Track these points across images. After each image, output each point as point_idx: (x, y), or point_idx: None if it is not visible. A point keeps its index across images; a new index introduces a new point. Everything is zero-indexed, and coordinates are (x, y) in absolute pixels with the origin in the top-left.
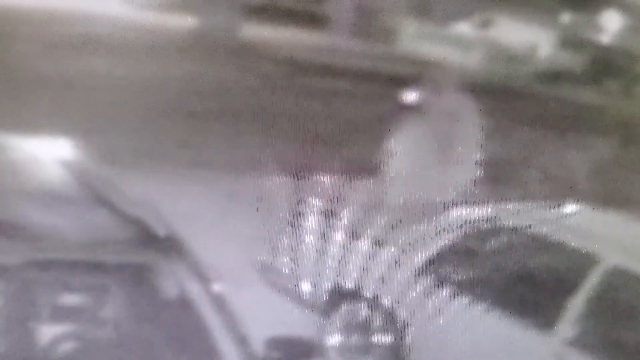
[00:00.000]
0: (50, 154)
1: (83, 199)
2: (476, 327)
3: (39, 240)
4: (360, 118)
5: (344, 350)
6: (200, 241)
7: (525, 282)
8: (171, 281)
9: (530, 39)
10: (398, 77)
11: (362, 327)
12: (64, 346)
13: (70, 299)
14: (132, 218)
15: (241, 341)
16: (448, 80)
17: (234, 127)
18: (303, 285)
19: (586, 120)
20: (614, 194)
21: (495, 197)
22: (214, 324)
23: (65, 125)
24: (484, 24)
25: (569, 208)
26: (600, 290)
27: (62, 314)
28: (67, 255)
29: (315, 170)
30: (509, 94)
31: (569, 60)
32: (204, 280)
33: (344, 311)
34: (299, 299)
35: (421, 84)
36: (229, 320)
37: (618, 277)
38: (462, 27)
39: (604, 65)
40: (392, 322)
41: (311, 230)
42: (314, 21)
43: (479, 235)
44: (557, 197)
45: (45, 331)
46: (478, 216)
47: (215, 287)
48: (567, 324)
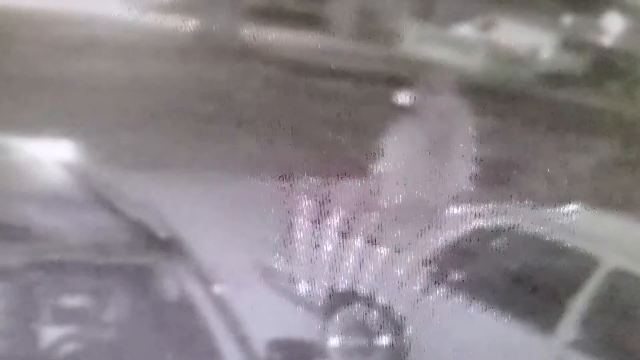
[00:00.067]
0: (52, 156)
1: (85, 201)
2: (477, 329)
3: (40, 242)
4: (361, 120)
5: (346, 352)
6: (202, 243)
7: (527, 284)
8: (173, 283)
9: (532, 41)
10: (400, 79)
11: (364, 329)
12: (66, 348)
13: (72, 300)
14: (133, 220)
15: (243, 343)
16: (443, 82)
17: (235, 129)
18: (304, 287)
19: (587, 122)
20: (615, 195)
21: (496, 198)
22: (216, 325)
23: (67, 127)
24: (486, 27)
25: (570, 210)
26: (602, 292)
27: (64, 315)
28: (68, 257)
29: (317, 173)
30: (510, 96)
31: (570, 62)
32: (205, 282)
33: (345, 313)
34: (301, 300)
35: (416, 86)
36: (231, 322)
37: (619, 279)
38: (463, 30)
39: (605, 67)
40: (393, 324)
41: (313, 232)
42: (316, 23)
43: (480, 237)
44: (559, 199)
45: (48, 333)
46: (479, 218)
47: (217, 289)
48: (568, 326)
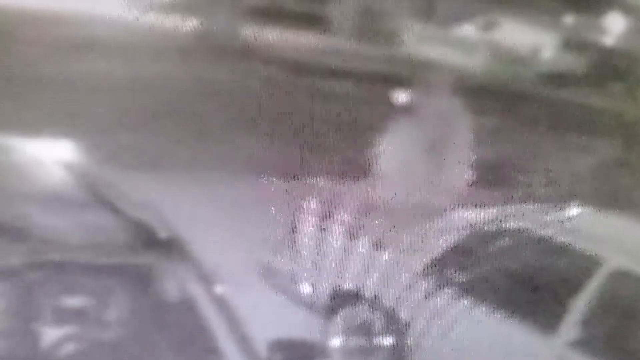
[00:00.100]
0: (52, 156)
1: (85, 201)
2: (479, 329)
3: (41, 242)
4: (362, 120)
5: (347, 352)
6: (203, 243)
7: (528, 284)
8: (174, 283)
9: (534, 41)
10: (401, 80)
11: (365, 329)
12: (67, 348)
13: (72, 300)
14: (134, 220)
15: (244, 343)
16: (442, 82)
17: (236, 129)
18: (305, 287)
19: (589, 122)
20: (617, 195)
21: (498, 198)
22: (217, 326)
23: (67, 127)
24: (487, 27)
25: (571, 210)
26: (604, 292)
27: (64, 315)
28: (69, 257)
29: (318, 173)
30: (511, 95)
31: (572, 63)
32: (206, 282)
33: (346, 313)
34: (302, 301)
35: (416, 86)
36: (232, 322)
37: (621, 279)
38: (465, 30)
39: (607, 67)
40: (394, 324)
41: (314, 233)
42: (317, 23)
43: (481, 238)
44: (560, 199)
45: (48, 333)
46: (481, 218)
47: (218, 289)
48: (570, 326)
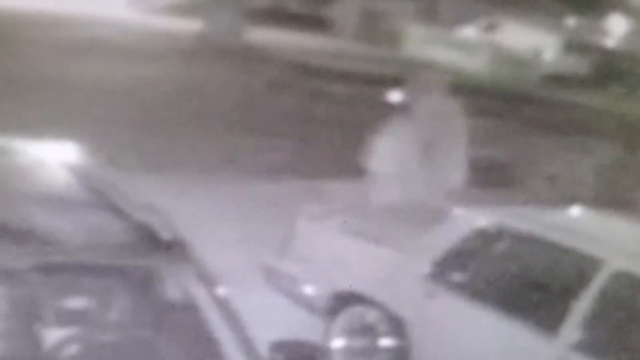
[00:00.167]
0: (55, 158)
1: (88, 202)
2: (480, 330)
3: (44, 243)
4: (365, 121)
5: (349, 353)
6: (205, 245)
7: (529, 285)
8: (176, 285)
9: (536, 43)
10: (403, 81)
11: (367, 330)
12: (69, 349)
13: (75, 302)
14: (137, 222)
15: (246, 344)
16: (436, 82)
17: (239, 131)
18: (307, 289)
19: (591, 123)
20: (618, 197)
21: (499, 200)
22: (219, 327)
23: (70, 129)
24: (489, 28)
25: (573, 211)
26: (605, 294)
27: (67, 317)
28: (72, 259)
29: (321, 174)
30: (513, 97)
31: (574, 64)
32: (208, 284)
33: (348, 314)
34: (304, 302)
35: (415, 86)
36: (234, 323)
37: (622, 280)
38: (467, 31)
39: (608, 69)
40: (396, 325)
41: (316, 234)
42: (319, 25)
43: (483, 239)
44: (562, 201)
45: (51, 334)
46: (482, 220)
47: (220, 291)
48: (571, 328)
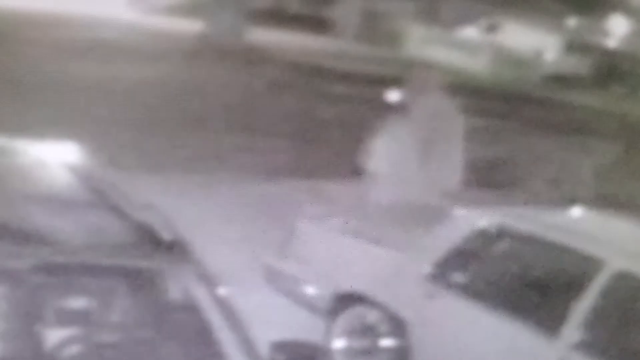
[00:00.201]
0: (56, 158)
1: (89, 203)
2: (481, 331)
3: (45, 244)
4: (367, 122)
5: (349, 353)
6: (206, 245)
7: (530, 286)
8: (177, 285)
9: (537, 43)
10: (404, 82)
11: (368, 331)
12: (70, 349)
13: (76, 302)
14: (137, 222)
15: (247, 345)
16: (433, 81)
17: (240, 131)
18: (308, 289)
19: (592, 124)
20: (619, 197)
21: (500, 200)
22: (220, 327)
23: (71, 129)
24: (491, 29)
25: (574, 212)
26: (606, 294)
27: (68, 317)
28: (73, 259)
29: (322, 174)
30: (514, 98)
31: (575, 65)
32: (209, 284)
33: (349, 315)
34: (305, 302)
35: (407, 85)
36: (235, 323)
37: (623, 281)
38: (468, 32)
39: (609, 69)
40: (397, 326)
41: (317, 234)
42: (320, 25)
43: (483, 239)
44: (562, 201)
45: (52, 335)
46: (483, 220)
47: (221, 291)
48: (572, 329)
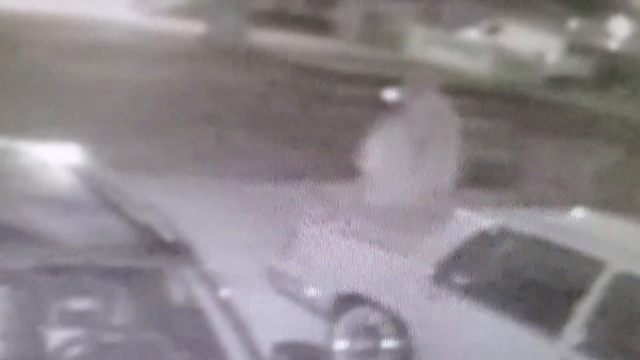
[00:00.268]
0: (58, 160)
1: (91, 204)
2: (483, 332)
3: (47, 245)
4: (368, 124)
5: (352, 355)
6: (208, 246)
7: (533, 287)
8: (179, 286)
9: (538, 45)
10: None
11: (370, 332)
12: (73, 351)
13: (78, 303)
14: (140, 223)
15: (249, 346)
16: (429, 82)
17: (242, 133)
18: (311, 290)
19: (594, 125)
20: (621, 199)
21: (502, 202)
22: (222, 328)
23: (73, 130)
24: (492, 30)
25: (576, 213)
26: (608, 295)
27: (70, 318)
28: (75, 260)
29: (324, 176)
30: (516, 99)
31: (576, 66)
32: (212, 286)
33: (351, 316)
34: (307, 304)
35: (404, 86)
36: (237, 325)
37: (625, 282)
38: (470, 34)
39: (611, 71)
40: (399, 327)
41: (319, 236)
42: (322, 27)
43: (486, 241)
44: (565, 203)
45: (54, 335)
46: (485, 222)
47: (224, 292)
48: (574, 330)
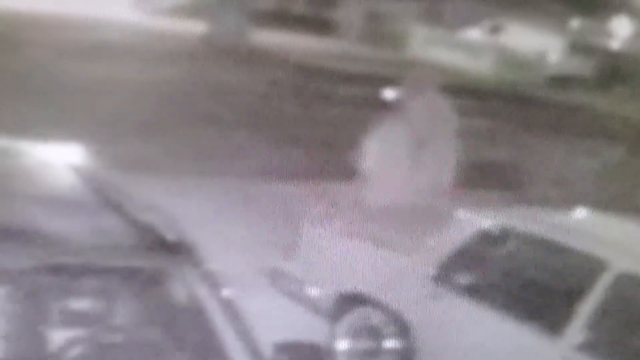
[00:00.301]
0: (61, 159)
1: (93, 204)
2: (485, 332)
3: (49, 245)
4: (370, 123)
5: (353, 355)
6: (211, 246)
7: (534, 287)
8: (181, 286)
9: (540, 45)
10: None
11: (372, 332)
12: (74, 351)
13: (80, 303)
14: (142, 223)
15: (250, 346)
16: (429, 81)
17: (244, 133)
18: (312, 290)
19: (595, 125)
20: (623, 199)
21: (504, 201)
22: (224, 329)
23: (75, 130)
24: (494, 30)
25: (578, 213)
26: (609, 295)
27: (72, 318)
28: (77, 260)
29: (326, 176)
30: (518, 99)
31: (578, 66)
32: (214, 286)
33: (353, 316)
34: (309, 304)
35: (403, 85)
36: (239, 325)
37: (627, 282)
38: (471, 33)
39: (613, 70)
40: (401, 327)
41: (321, 236)
42: (324, 27)
43: (487, 241)
44: (566, 203)
45: (56, 336)
46: (487, 221)
47: (226, 292)
48: (576, 329)
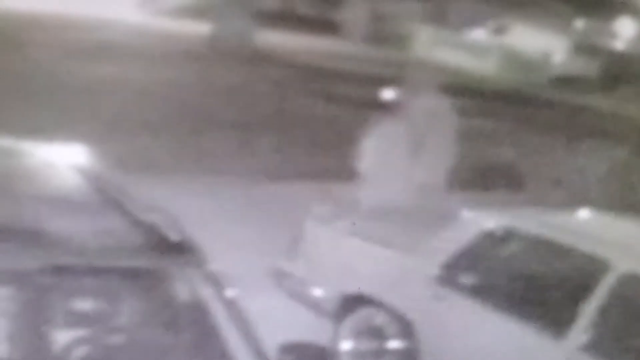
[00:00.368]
0: (64, 160)
1: (97, 204)
2: (488, 332)
3: (53, 245)
4: (371, 124)
5: (357, 355)
6: (214, 247)
7: (537, 287)
8: (185, 287)
9: (545, 45)
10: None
11: (375, 333)
12: (78, 351)
13: (84, 304)
14: (145, 224)
15: (254, 346)
16: (428, 81)
17: (248, 133)
18: (316, 291)
19: (600, 126)
20: (627, 199)
21: (508, 202)
22: (228, 329)
23: (79, 130)
24: (499, 31)
25: (581, 214)
26: (612, 296)
27: (76, 318)
28: (81, 261)
29: (330, 176)
30: (522, 99)
31: (582, 67)
32: (217, 286)
33: (357, 316)
34: (312, 304)
35: (402, 85)
36: (242, 325)
37: (630, 283)
38: (476, 34)
39: (617, 71)
40: (405, 328)
41: (324, 236)
42: (328, 28)
43: (491, 241)
44: (570, 203)
45: (60, 336)
46: (490, 222)
47: (229, 293)
48: (579, 330)
